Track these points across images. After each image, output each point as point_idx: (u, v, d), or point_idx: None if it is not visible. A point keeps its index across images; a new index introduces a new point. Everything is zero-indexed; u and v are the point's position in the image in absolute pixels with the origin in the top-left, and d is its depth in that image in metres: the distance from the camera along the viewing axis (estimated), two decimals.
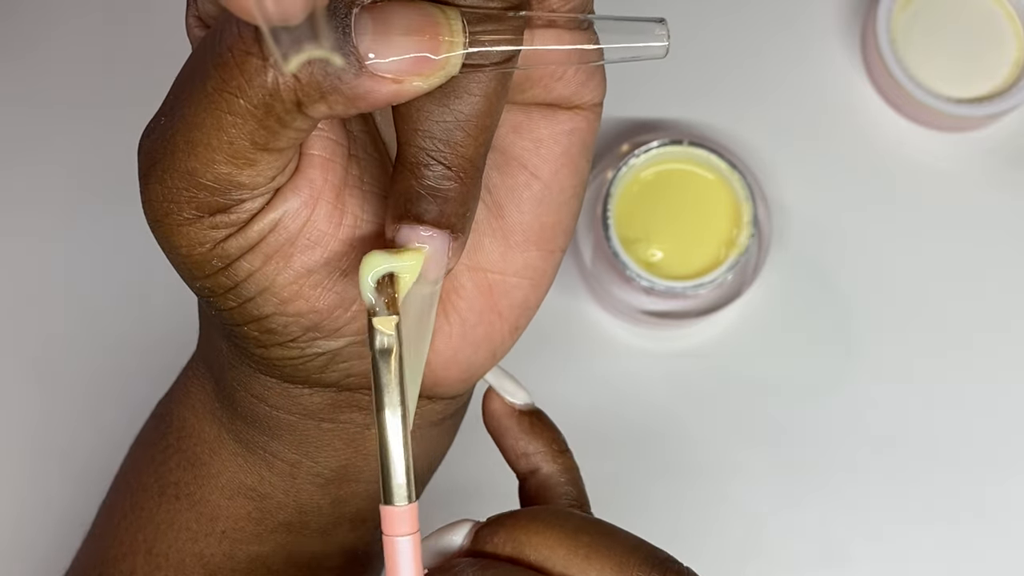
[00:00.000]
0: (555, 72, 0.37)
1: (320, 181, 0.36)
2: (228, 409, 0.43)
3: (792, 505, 0.65)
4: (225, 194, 0.34)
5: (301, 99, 0.32)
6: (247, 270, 0.36)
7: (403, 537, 0.35)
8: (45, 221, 0.66)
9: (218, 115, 0.33)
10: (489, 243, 0.39)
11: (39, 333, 0.66)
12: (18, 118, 0.67)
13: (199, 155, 0.34)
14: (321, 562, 0.45)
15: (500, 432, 0.43)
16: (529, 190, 0.39)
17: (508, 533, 0.37)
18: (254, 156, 0.34)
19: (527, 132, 0.38)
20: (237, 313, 0.37)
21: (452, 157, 0.34)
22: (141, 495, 0.45)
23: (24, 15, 0.67)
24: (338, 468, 0.43)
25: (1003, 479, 0.65)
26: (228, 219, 0.35)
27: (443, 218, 0.34)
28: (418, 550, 0.35)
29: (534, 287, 0.40)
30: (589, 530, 0.37)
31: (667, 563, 0.36)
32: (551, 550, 0.36)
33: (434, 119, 0.34)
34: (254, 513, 0.44)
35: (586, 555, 0.36)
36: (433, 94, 0.33)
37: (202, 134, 0.33)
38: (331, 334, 0.38)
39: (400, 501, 0.35)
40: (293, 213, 0.36)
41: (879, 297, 0.66)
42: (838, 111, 0.67)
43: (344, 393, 0.41)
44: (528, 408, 0.43)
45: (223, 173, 0.34)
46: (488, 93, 0.34)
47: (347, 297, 0.37)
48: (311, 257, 0.36)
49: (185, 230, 0.35)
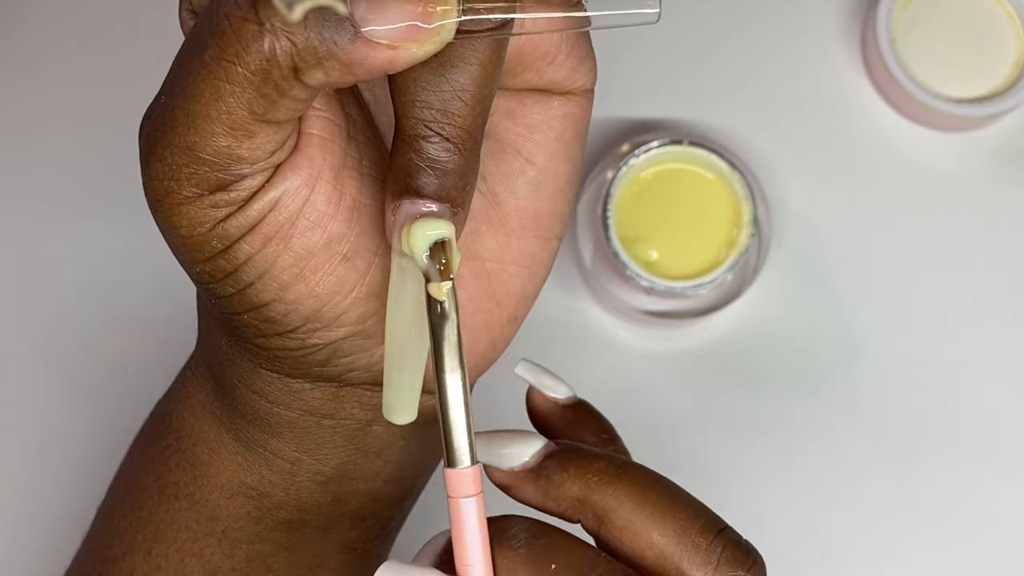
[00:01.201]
0: (546, 56, 0.37)
1: (319, 160, 0.36)
2: (227, 408, 0.43)
3: (792, 505, 0.65)
4: (225, 169, 0.34)
5: (298, 65, 0.33)
6: (247, 252, 0.36)
7: (468, 499, 0.35)
8: (45, 221, 0.66)
9: (216, 84, 0.33)
10: (486, 231, 0.39)
11: (38, 333, 0.66)
12: (17, 115, 0.67)
13: (198, 128, 0.34)
14: (321, 560, 0.45)
15: (548, 429, 0.42)
16: (524, 176, 0.39)
17: (579, 475, 0.37)
18: (253, 127, 0.34)
19: (520, 118, 0.39)
20: (237, 300, 0.37)
21: (450, 128, 0.34)
22: (140, 495, 0.45)
23: (28, 15, 0.67)
24: (338, 465, 0.43)
25: (1004, 479, 0.65)
26: (228, 197, 0.35)
27: (443, 191, 0.34)
28: (482, 511, 0.35)
29: (531, 275, 0.40)
30: (657, 489, 0.37)
31: (727, 532, 0.37)
32: (618, 501, 0.36)
33: (431, 89, 0.34)
34: (254, 512, 0.44)
35: (651, 513, 0.36)
36: (429, 64, 0.34)
37: (201, 106, 0.33)
38: (330, 323, 0.38)
39: (463, 463, 0.35)
40: (293, 192, 0.36)
41: (879, 297, 0.66)
42: (838, 111, 0.67)
43: (346, 388, 0.41)
44: (571, 401, 0.42)
45: (222, 146, 0.34)
46: (484, 62, 0.34)
47: (346, 282, 0.37)
48: (311, 238, 0.36)
49: (185, 209, 0.35)
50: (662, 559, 0.36)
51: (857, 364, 0.66)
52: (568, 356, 0.66)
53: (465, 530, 0.35)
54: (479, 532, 0.35)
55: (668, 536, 0.36)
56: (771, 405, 0.66)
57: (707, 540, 0.36)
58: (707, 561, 0.36)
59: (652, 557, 0.36)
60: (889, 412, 0.66)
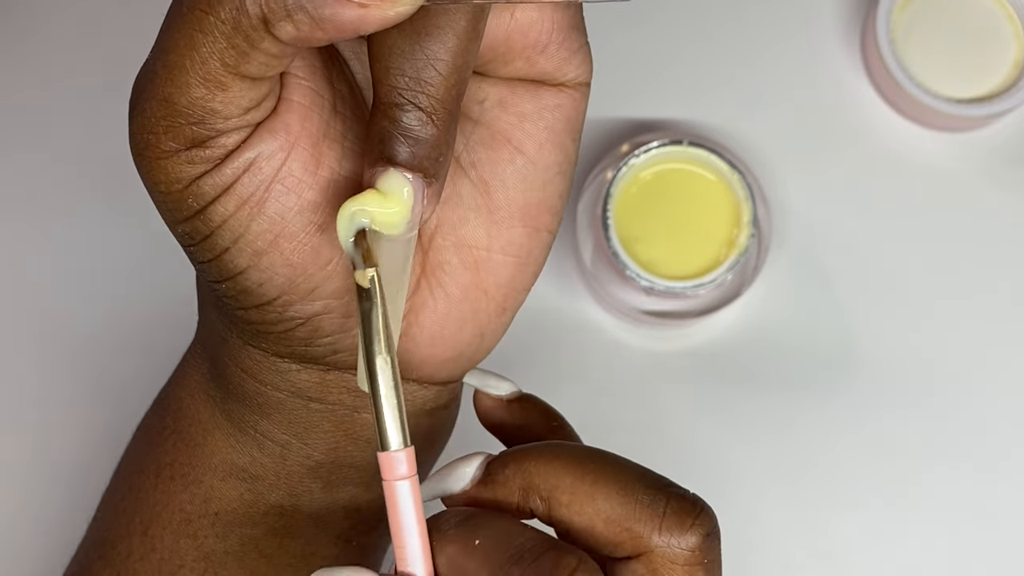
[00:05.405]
0: (536, 44, 0.38)
1: (297, 127, 0.37)
2: (221, 388, 0.43)
3: (791, 505, 0.65)
4: (200, 122, 0.35)
5: (267, 15, 0.33)
6: (221, 214, 0.36)
7: (401, 481, 0.35)
8: (44, 214, 0.66)
9: (190, 34, 0.34)
10: (474, 218, 0.40)
11: (39, 327, 0.66)
12: (17, 110, 0.67)
13: (174, 79, 0.35)
14: (315, 549, 0.45)
15: (497, 428, 0.43)
16: (513, 165, 0.39)
17: (518, 465, 0.37)
18: (226, 79, 0.34)
19: (511, 106, 0.39)
20: (215, 266, 0.38)
21: (423, 98, 0.34)
22: (138, 476, 0.46)
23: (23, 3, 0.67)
24: (328, 451, 0.43)
25: (1005, 479, 0.65)
26: (204, 154, 0.36)
27: (415, 160, 0.35)
28: (418, 493, 0.35)
29: (521, 266, 0.41)
30: (595, 458, 0.37)
31: (671, 487, 0.37)
32: (558, 478, 0.37)
33: (405, 57, 0.34)
34: (246, 495, 0.44)
35: (593, 480, 0.37)
36: (404, 31, 0.34)
37: (176, 56, 0.34)
38: (305, 296, 0.38)
39: (395, 445, 0.35)
40: (268, 155, 0.36)
41: (879, 297, 0.66)
42: (838, 111, 0.67)
43: (333, 373, 0.41)
44: (516, 396, 0.43)
45: (196, 97, 0.35)
46: (459, 32, 0.34)
47: (322, 254, 0.38)
48: (285, 203, 0.37)
49: (163, 164, 0.36)
50: (611, 523, 0.36)
51: (857, 364, 0.66)
52: (568, 356, 0.66)
53: (401, 512, 0.35)
54: (415, 513, 0.35)
55: (612, 499, 0.36)
56: (771, 405, 0.66)
57: (651, 496, 0.36)
58: (654, 515, 0.36)
59: (601, 524, 0.36)
60: (889, 412, 0.66)
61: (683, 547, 0.36)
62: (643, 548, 0.36)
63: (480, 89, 0.39)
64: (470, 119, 0.39)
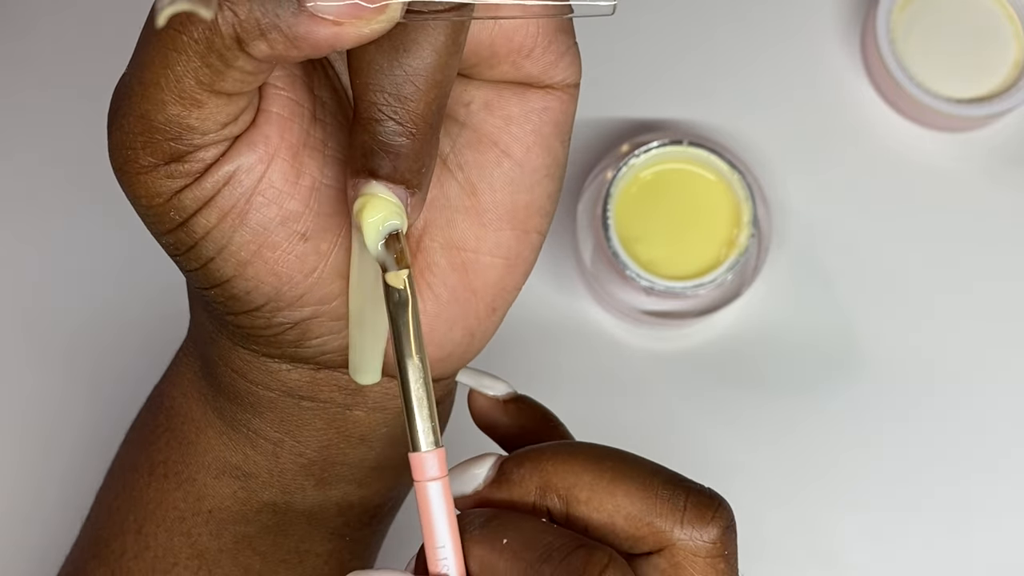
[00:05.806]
0: (522, 49, 0.37)
1: (276, 138, 0.37)
2: (213, 387, 0.43)
3: (792, 505, 0.65)
4: (177, 139, 0.35)
5: (240, 35, 0.33)
6: (204, 226, 0.37)
7: (433, 482, 0.35)
8: (44, 214, 0.66)
9: (164, 52, 0.34)
10: (462, 221, 0.40)
11: (38, 327, 0.66)
12: (17, 110, 0.67)
13: (150, 96, 0.35)
14: (309, 546, 0.45)
15: (492, 428, 0.44)
16: (500, 168, 0.39)
17: (534, 464, 0.38)
18: (200, 97, 0.34)
19: (498, 109, 0.39)
20: (202, 275, 0.38)
21: (403, 112, 0.35)
22: (132, 475, 0.46)
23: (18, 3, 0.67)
24: (320, 449, 0.43)
25: (1005, 479, 0.65)
26: (183, 168, 0.36)
27: (397, 173, 0.35)
28: (449, 494, 0.36)
29: (509, 267, 0.40)
30: (612, 456, 0.37)
31: (687, 482, 0.37)
32: (577, 476, 0.37)
33: (384, 72, 0.34)
34: (239, 492, 0.44)
35: (611, 479, 0.37)
36: (382, 48, 0.34)
37: (151, 73, 0.34)
38: (292, 303, 0.38)
39: (426, 446, 0.35)
40: (248, 168, 0.36)
41: (879, 297, 0.66)
42: (838, 111, 0.67)
43: (323, 372, 0.41)
44: (511, 396, 0.44)
45: (173, 115, 0.35)
46: (438, 47, 0.34)
47: (307, 262, 0.38)
48: (266, 215, 0.37)
49: (143, 179, 0.36)
50: (632, 520, 0.37)
51: (857, 364, 0.66)
52: (568, 356, 0.66)
53: (433, 513, 0.35)
54: (446, 514, 0.36)
55: (632, 496, 0.37)
56: (771, 405, 0.66)
57: (670, 491, 0.37)
58: (675, 509, 0.36)
59: (622, 520, 0.37)
60: (889, 412, 0.66)
61: (705, 540, 0.36)
62: (665, 542, 0.36)
63: (466, 92, 0.39)
64: (456, 121, 0.39)
